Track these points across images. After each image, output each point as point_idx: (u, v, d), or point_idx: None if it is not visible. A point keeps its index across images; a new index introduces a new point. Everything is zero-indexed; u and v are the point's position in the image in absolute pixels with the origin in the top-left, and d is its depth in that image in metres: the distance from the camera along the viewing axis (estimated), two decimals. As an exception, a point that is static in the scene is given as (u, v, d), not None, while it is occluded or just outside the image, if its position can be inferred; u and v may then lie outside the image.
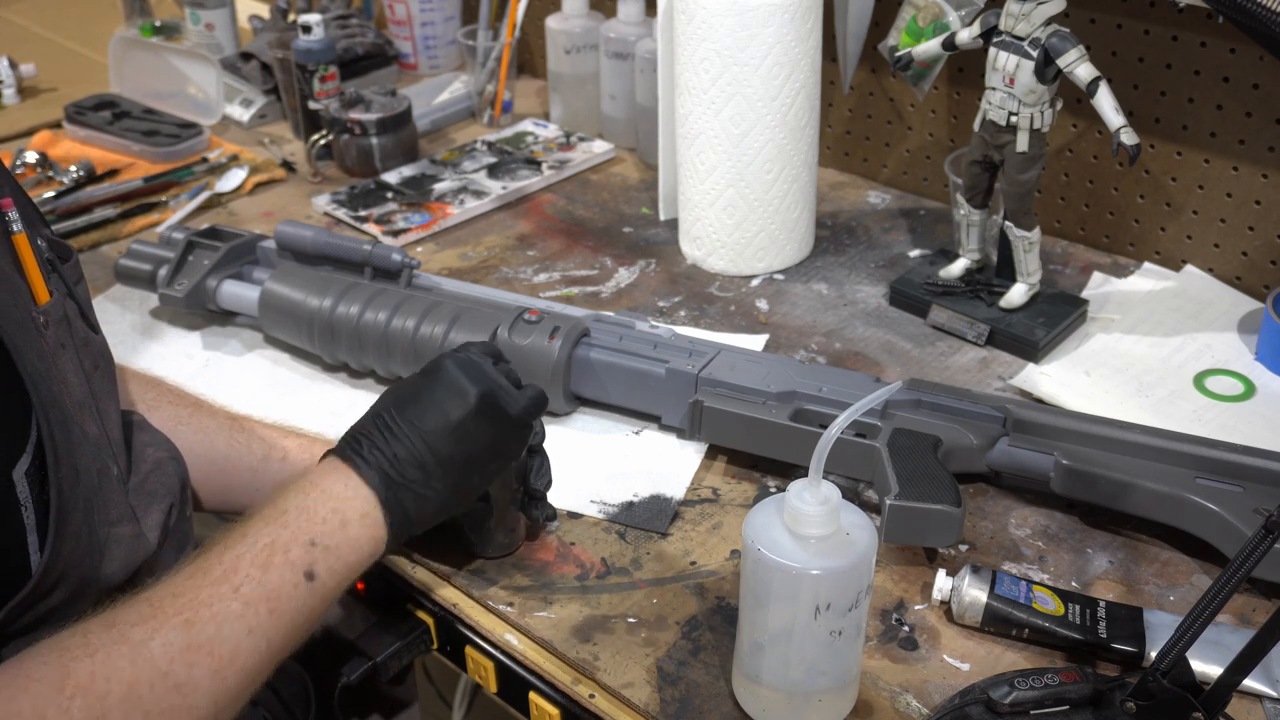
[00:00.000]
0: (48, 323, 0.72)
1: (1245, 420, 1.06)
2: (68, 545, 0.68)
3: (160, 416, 0.91)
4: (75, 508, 0.68)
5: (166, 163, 1.55)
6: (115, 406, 0.81)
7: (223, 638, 0.66)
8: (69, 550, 0.68)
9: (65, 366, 0.73)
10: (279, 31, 1.68)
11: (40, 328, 0.71)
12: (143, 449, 0.83)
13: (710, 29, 1.18)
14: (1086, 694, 0.74)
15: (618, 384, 1.06)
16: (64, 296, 0.76)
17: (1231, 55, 1.16)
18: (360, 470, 0.77)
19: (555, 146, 1.58)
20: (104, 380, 0.79)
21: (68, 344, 0.74)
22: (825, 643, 0.74)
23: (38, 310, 0.72)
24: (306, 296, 1.13)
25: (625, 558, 0.93)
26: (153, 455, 0.83)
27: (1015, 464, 0.97)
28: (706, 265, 1.32)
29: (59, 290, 0.75)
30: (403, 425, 0.78)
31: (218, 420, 0.94)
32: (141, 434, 0.85)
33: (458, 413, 0.79)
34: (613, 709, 0.82)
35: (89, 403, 0.76)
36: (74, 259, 0.80)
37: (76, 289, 0.79)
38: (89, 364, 0.77)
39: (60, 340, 0.74)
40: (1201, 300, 1.22)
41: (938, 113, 1.41)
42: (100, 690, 0.61)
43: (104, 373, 0.80)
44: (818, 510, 0.71)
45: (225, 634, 0.67)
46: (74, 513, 0.68)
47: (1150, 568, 0.92)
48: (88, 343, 0.78)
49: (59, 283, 0.76)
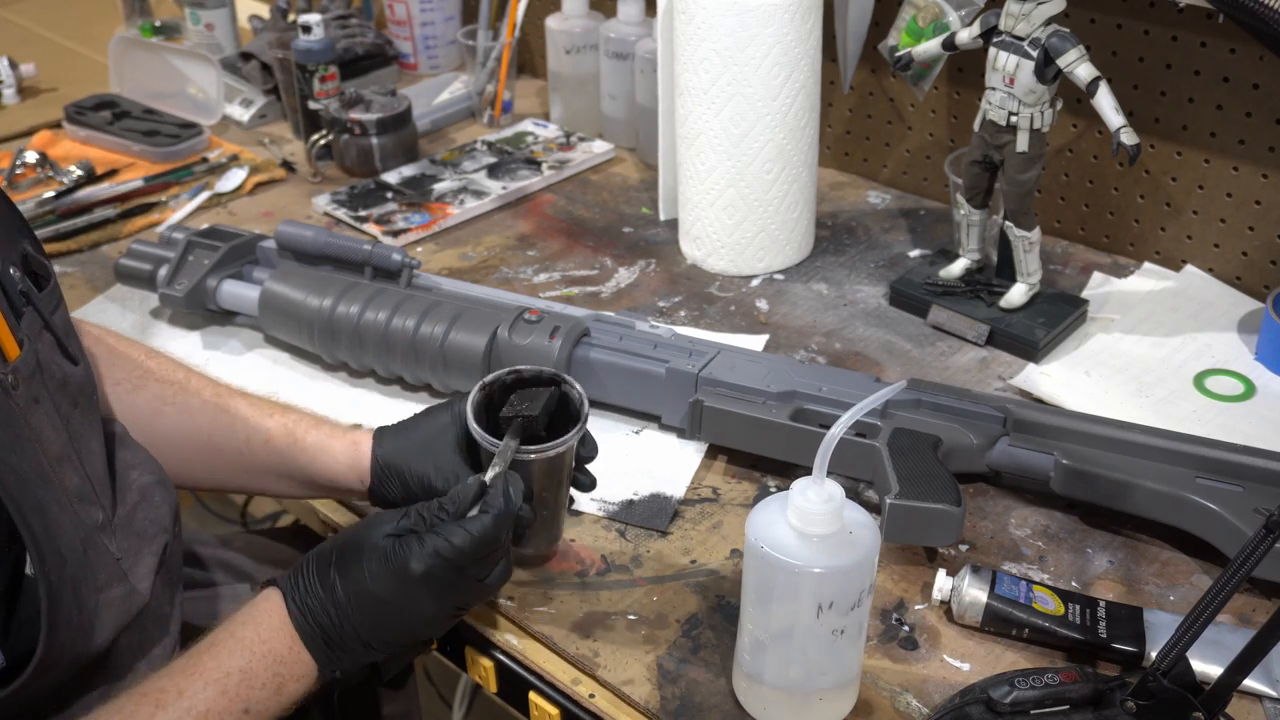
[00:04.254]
0: (17, 382, 0.71)
1: (1245, 420, 1.06)
2: (60, 634, 0.68)
3: (145, 398, 0.91)
4: (64, 593, 0.69)
5: (166, 163, 1.55)
6: (99, 438, 0.79)
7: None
8: (62, 638, 0.69)
9: (40, 423, 0.72)
10: (279, 31, 1.68)
11: (9, 389, 0.70)
12: (127, 472, 0.82)
13: (710, 29, 1.18)
14: (1086, 694, 0.74)
15: (618, 384, 1.06)
16: (35, 339, 0.74)
17: (1231, 55, 1.16)
18: (306, 639, 0.75)
19: (555, 146, 1.58)
20: (85, 415, 0.78)
21: (41, 396, 0.73)
22: (827, 641, 0.74)
23: (6, 369, 0.70)
24: (306, 296, 1.13)
25: (625, 555, 0.93)
26: (138, 482, 0.83)
27: (1015, 464, 0.97)
28: (706, 265, 1.32)
29: (31, 333, 0.73)
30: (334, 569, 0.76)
31: (202, 399, 0.93)
32: (124, 452, 0.83)
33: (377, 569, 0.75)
34: (613, 709, 0.82)
35: (68, 452, 0.74)
36: (52, 283, 0.78)
37: (54, 318, 0.77)
38: (67, 405, 0.76)
39: (33, 395, 0.72)
40: (1201, 300, 1.22)
41: (938, 113, 1.41)
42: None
43: (85, 407, 0.78)
44: (822, 508, 0.71)
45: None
46: (63, 599, 0.68)
47: (1150, 568, 0.92)
48: (65, 383, 0.76)
49: (33, 317, 0.74)
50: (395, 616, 0.76)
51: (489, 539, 0.76)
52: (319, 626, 0.75)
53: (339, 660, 0.76)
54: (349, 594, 0.75)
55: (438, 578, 0.75)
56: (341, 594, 0.75)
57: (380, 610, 0.75)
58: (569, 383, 0.86)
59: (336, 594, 0.75)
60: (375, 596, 0.75)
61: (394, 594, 0.75)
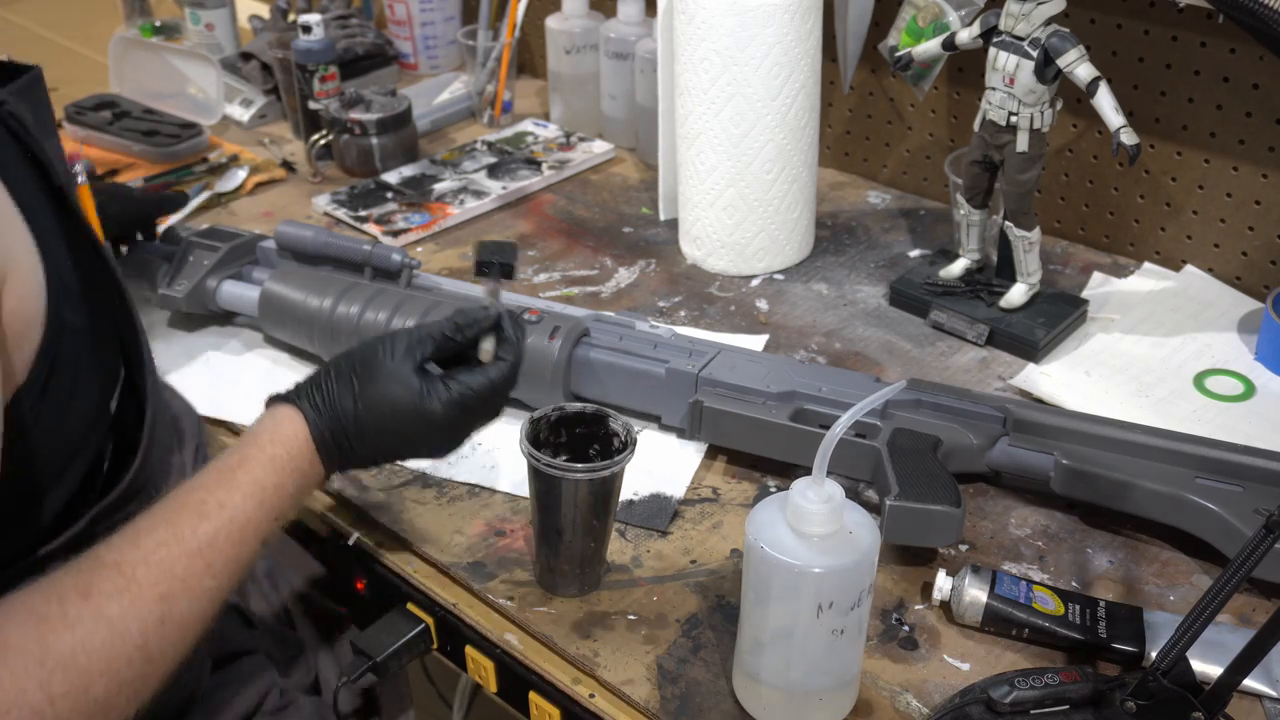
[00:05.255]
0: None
1: (1245, 420, 1.06)
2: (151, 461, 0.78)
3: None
4: (157, 427, 0.79)
5: (166, 163, 1.55)
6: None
7: (194, 612, 0.70)
8: (149, 467, 0.78)
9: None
10: (279, 31, 1.68)
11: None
12: (167, 396, 0.91)
13: (710, 29, 1.18)
14: (1087, 693, 0.74)
15: (618, 384, 1.06)
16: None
17: (1231, 55, 1.16)
18: (325, 456, 0.81)
19: (555, 146, 1.58)
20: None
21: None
22: (827, 641, 0.74)
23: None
24: (307, 296, 1.13)
25: (625, 555, 0.93)
26: (175, 405, 0.94)
27: (1015, 464, 0.97)
28: (706, 265, 1.32)
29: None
30: (358, 401, 0.82)
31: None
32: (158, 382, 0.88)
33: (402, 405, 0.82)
34: (613, 709, 0.82)
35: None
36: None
37: None
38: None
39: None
40: (1201, 300, 1.22)
41: (938, 113, 1.41)
42: (81, 665, 0.63)
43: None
44: (821, 508, 0.71)
45: (197, 608, 0.70)
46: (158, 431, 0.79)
47: (1150, 568, 0.92)
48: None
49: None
50: (408, 444, 0.84)
51: (509, 383, 0.86)
52: (338, 447, 0.81)
53: (343, 470, 0.85)
54: (371, 422, 0.82)
55: (454, 419, 0.83)
56: (364, 420, 0.82)
57: (397, 438, 0.83)
58: (612, 416, 0.88)
59: (361, 421, 0.82)
60: (395, 431, 0.82)
61: (413, 427, 0.82)
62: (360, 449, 0.82)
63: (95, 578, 0.66)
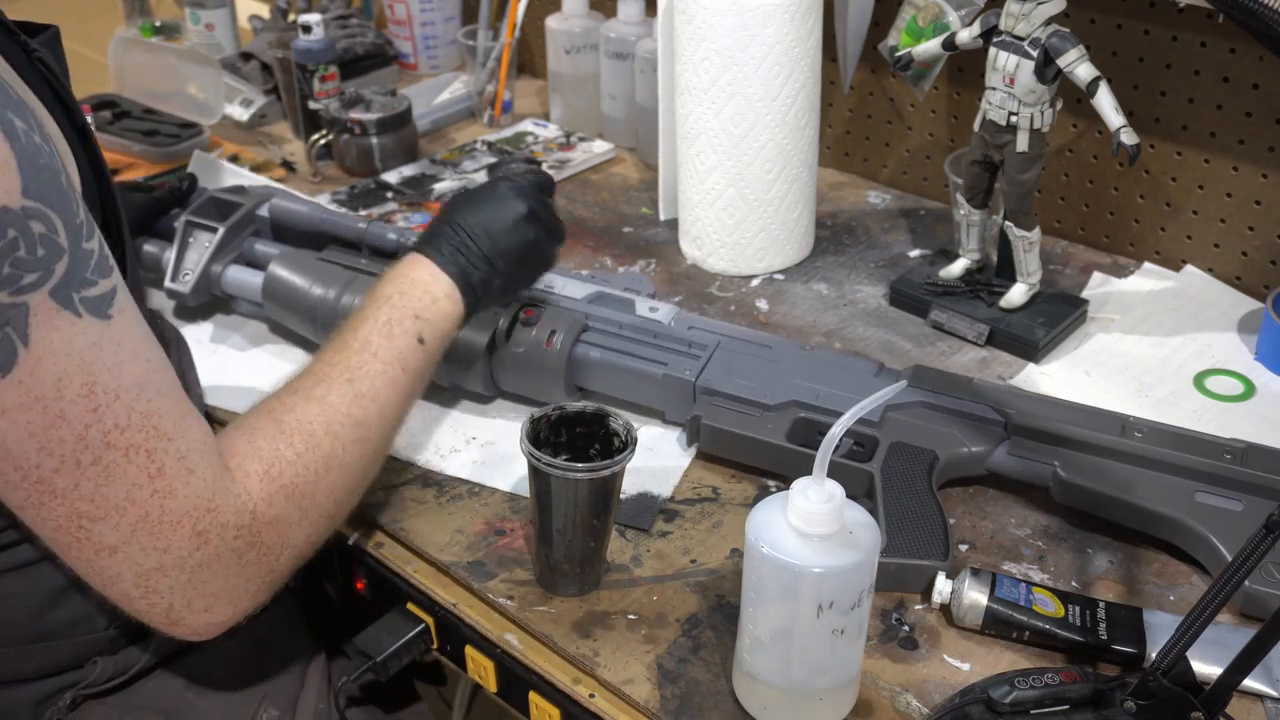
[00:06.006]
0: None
1: (1245, 420, 1.06)
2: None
3: None
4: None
5: (166, 163, 1.55)
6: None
7: (377, 388, 0.86)
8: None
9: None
10: (279, 31, 1.68)
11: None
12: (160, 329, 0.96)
13: (710, 29, 1.18)
14: (1086, 693, 0.74)
15: (618, 382, 1.06)
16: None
17: (1231, 55, 1.16)
18: (439, 262, 0.94)
19: (555, 146, 1.58)
20: None
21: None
22: (827, 641, 0.74)
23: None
24: (311, 285, 1.12)
25: (625, 555, 0.93)
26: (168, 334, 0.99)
27: (1014, 473, 0.97)
28: (706, 265, 1.32)
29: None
30: (468, 227, 0.96)
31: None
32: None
33: (511, 217, 0.98)
34: (612, 709, 0.82)
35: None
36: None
37: None
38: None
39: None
40: (1201, 300, 1.22)
41: (938, 113, 1.41)
42: (307, 429, 0.81)
43: None
44: (822, 508, 0.71)
45: (378, 385, 0.86)
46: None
47: (1150, 568, 0.92)
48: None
49: None
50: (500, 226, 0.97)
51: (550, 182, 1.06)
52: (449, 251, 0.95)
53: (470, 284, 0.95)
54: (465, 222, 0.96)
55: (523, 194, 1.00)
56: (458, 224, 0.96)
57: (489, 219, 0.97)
58: (613, 416, 0.88)
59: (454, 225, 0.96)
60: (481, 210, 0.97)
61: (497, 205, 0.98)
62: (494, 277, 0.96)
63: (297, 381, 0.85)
